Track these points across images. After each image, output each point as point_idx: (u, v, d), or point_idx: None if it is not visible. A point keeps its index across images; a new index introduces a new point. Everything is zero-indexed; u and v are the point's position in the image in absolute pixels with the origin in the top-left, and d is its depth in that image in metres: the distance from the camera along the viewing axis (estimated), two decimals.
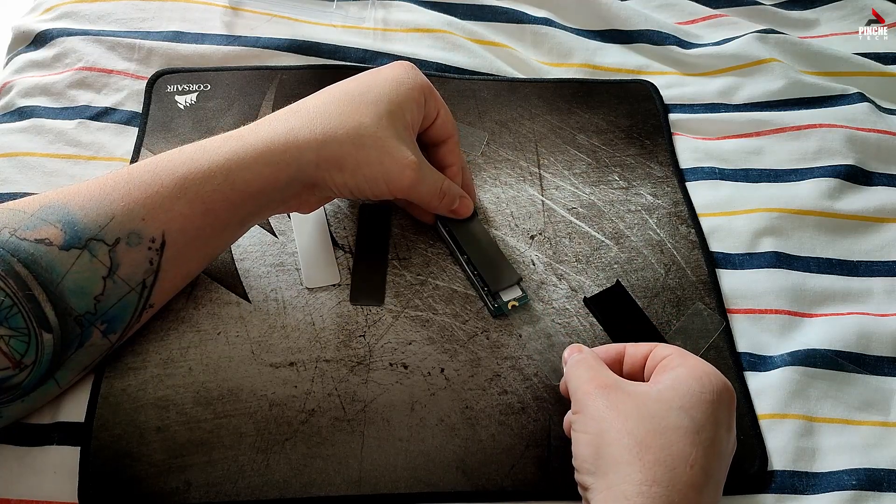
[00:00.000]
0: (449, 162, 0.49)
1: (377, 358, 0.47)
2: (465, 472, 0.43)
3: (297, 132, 0.42)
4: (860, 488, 0.44)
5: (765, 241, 0.54)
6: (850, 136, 0.59)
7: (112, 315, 0.40)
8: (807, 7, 0.72)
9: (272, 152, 0.41)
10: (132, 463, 0.42)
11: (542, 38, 0.66)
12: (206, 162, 0.41)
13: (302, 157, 0.42)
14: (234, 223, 0.43)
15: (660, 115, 0.61)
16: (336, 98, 0.44)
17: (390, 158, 0.43)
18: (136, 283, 0.40)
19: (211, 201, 0.41)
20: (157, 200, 0.40)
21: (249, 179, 0.41)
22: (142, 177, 0.40)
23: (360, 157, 0.43)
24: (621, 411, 0.37)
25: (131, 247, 0.39)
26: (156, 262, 0.40)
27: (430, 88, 0.47)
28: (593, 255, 0.53)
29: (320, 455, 0.43)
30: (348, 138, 0.42)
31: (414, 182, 0.44)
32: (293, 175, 0.42)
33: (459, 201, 0.49)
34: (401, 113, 0.44)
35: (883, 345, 0.50)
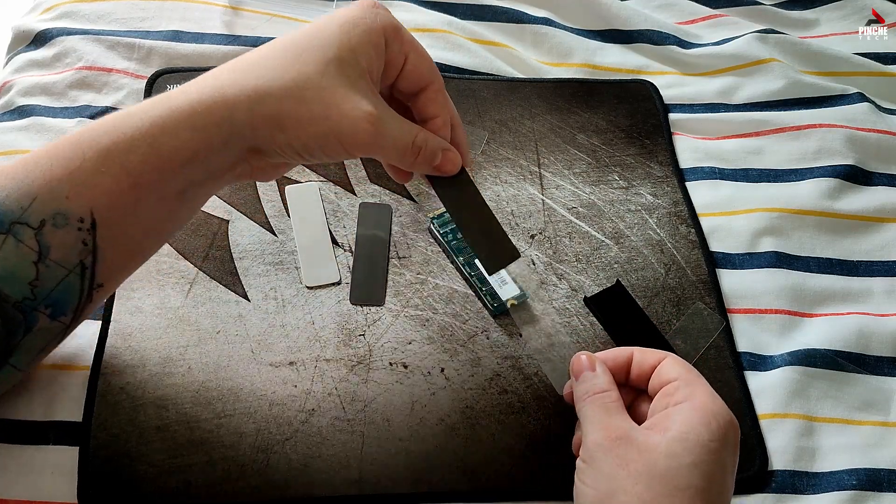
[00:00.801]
0: (430, 113, 0.41)
1: (377, 357, 0.47)
2: (465, 472, 0.43)
3: (225, 90, 0.36)
4: (860, 488, 0.44)
5: (765, 240, 0.54)
6: (850, 136, 0.59)
7: (55, 299, 0.37)
8: (807, 7, 0.72)
9: (198, 115, 0.36)
10: (131, 463, 0.42)
11: (542, 37, 0.66)
12: (129, 130, 0.36)
13: (233, 117, 0.36)
14: (170, 196, 0.38)
15: (660, 114, 0.61)
16: (277, 47, 0.38)
17: (339, 111, 0.36)
18: (73, 265, 0.37)
19: (138, 173, 0.36)
20: (81, 176, 0.36)
21: (177, 147, 0.36)
22: (63, 151, 0.36)
23: (303, 113, 0.36)
24: (632, 472, 0.35)
25: (59, 228, 0.36)
26: (90, 243, 0.37)
27: (395, 28, 0.39)
28: (593, 255, 0.53)
29: (320, 455, 0.43)
30: (286, 92, 0.36)
31: (372, 137, 0.37)
32: (227, 139, 0.37)
33: (442, 155, 0.40)
34: (353, 59, 0.37)
35: (883, 345, 0.50)
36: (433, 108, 0.41)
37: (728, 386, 0.47)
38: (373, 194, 0.54)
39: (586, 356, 0.41)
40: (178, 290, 0.49)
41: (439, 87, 0.41)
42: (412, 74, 0.40)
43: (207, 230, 0.51)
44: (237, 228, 0.52)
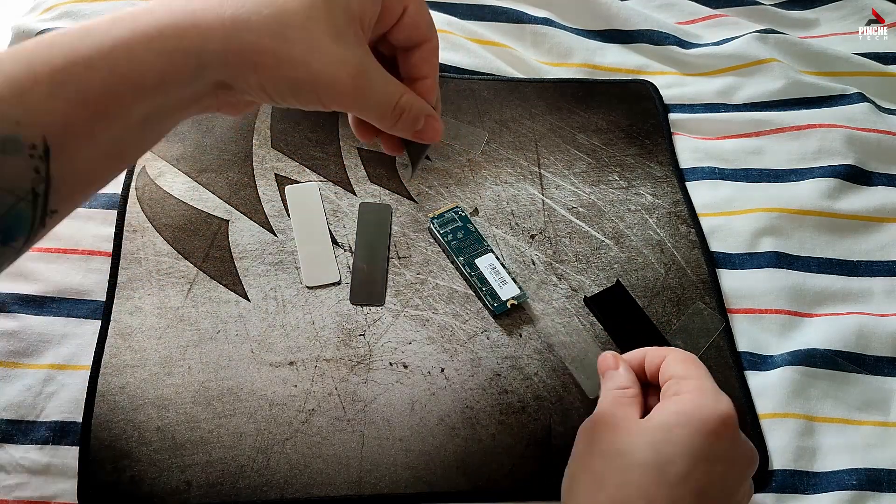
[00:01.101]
0: (422, 72, 0.38)
1: (377, 357, 0.47)
2: (465, 471, 0.43)
3: (198, 15, 0.33)
4: (860, 488, 0.44)
5: (765, 240, 0.54)
6: (850, 136, 0.59)
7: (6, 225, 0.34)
8: (807, 7, 0.72)
9: (167, 39, 0.33)
10: (132, 463, 0.42)
11: (542, 37, 0.66)
12: (87, 50, 0.32)
13: (205, 47, 0.33)
14: (132, 123, 0.34)
15: (660, 114, 0.61)
16: None
17: (321, 58, 0.33)
18: (25, 192, 0.33)
19: (96, 100, 0.33)
20: (32, 100, 0.32)
21: (141, 72, 0.33)
22: (14, 70, 0.32)
23: (281, 53, 0.33)
24: (595, 450, 0.37)
25: (9, 155, 0.32)
26: (43, 171, 0.33)
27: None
28: (593, 255, 0.53)
29: (320, 455, 0.43)
30: (266, 27, 0.33)
31: (353, 91, 0.34)
32: (195, 71, 0.33)
33: (425, 121, 0.37)
34: (344, 1, 0.34)
35: (883, 345, 0.50)
36: (424, 68, 0.38)
37: (728, 386, 0.47)
38: (373, 194, 0.54)
39: (611, 355, 0.42)
40: (178, 290, 0.49)
41: (434, 47, 0.38)
42: (409, 27, 0.37)
43: (207, 230, 0.51)
44: (237, 228, 0.52)
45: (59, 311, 0.48)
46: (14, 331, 0.46)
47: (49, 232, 0.37)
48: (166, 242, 0.51)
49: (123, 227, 0.51)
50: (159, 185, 0.53)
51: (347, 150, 0.57)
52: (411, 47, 0.37)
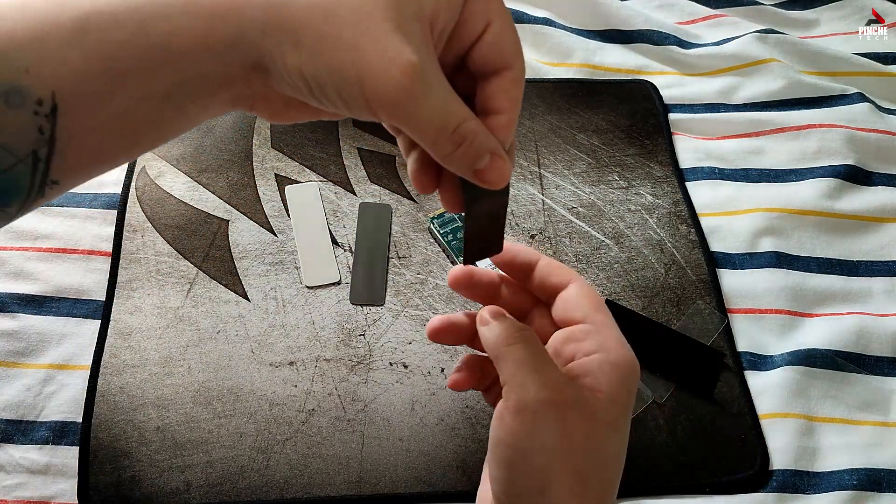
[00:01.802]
0: (497, 106, 0.30)
1: (377, 357, 0.47)
2: (465, 471, 0.43)
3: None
4: (860, 488, 0.44)
5: (765, 240, 0.54)
6: (850, 136, 0.59)
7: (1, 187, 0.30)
8: (807, 7, 0.72)
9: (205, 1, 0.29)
10: (132, 463, 0.42)
11: (542, 38, 0.66)
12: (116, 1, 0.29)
13: (246, 13, 0.29)
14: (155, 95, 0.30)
15: (660, 115, 0.61)
16: None
17: (374, 45, 0.28)
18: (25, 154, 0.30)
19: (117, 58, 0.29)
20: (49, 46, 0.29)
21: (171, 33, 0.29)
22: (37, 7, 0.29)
23: (327, 30, 0.28)
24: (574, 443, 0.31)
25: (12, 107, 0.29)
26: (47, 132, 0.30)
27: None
28: (593, 255, 0.53)
29: (320, 455, 0.43)
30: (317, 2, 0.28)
31: (407, 93, 0.28)
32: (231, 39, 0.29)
33: (490, 160, 0.30)
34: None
35: (883, 345, 0.50)
36: (503, 100, 0.31)
37: (728, 386, 0.47)
38: (373, 194, 0.54)
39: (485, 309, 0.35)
40: (178, 289, 0.49)
41: (517, 77, 0.31)
42: (492, 48, 0.30)
43: (207, 230, 0.51)
44: (237, 228, 0.52)
45: (59, 310, 0.48)
46: (14, 331, 0.46)
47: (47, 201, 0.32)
48: (166, 242, 0.51)
49: (123, 227, 0.51)
50: (159, 185, 0.53)
51: (347, 150, 0.57)
52: (490, 74, 0.31)
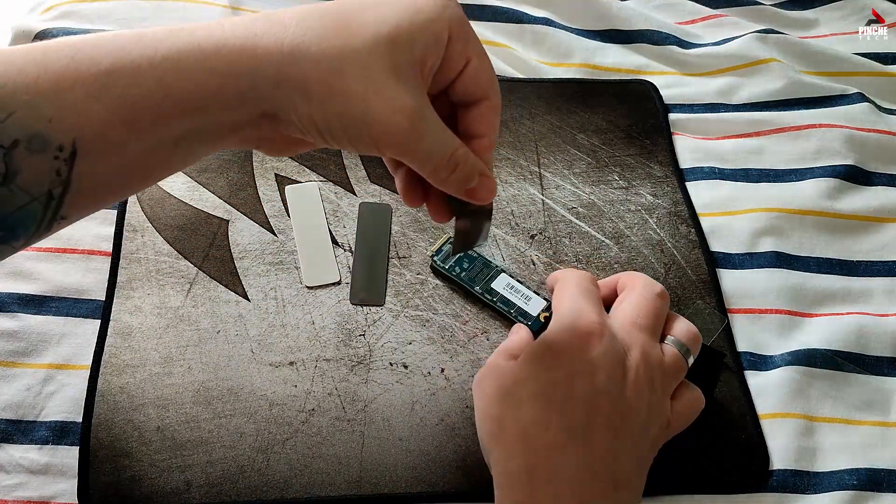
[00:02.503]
0: (478, 131, 0.36)
1: (377, 357, 0.47)
2: (465, 471, 0.43)
3: (259, 38, 0.32)
4: (860, 488, 0.44)
5: (765, 240, 0.54)
6: (850, 136, 0.59)
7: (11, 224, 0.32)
8: (807, 7, 0.72)
9: (221, 58, 0.31)
10: (131, 463, 0.42)
11: (542, 38, 0.66)
12: (137, 56, 0.31)
13: (259, 70, 0.32)
14: (167, 141, 0.33)
15: (660, 114, 0.61)
16: (326, 10, 0.33)
17: (378, 95, 0.31)
18: (40, 194, 0.32)
19: (137, 109, 0.31)
20: (71, 99, 0.31)
21: (188, 89, 0.31)
22: (57, 63, 0.31)
23: (336, 85, 0.31)
24: (487, 397, 0.38)
25: (33, 153, 0.31)
26: (64, 174, 0.32)
27: (463, 27, 0.34)
28: (593, 255, 0.53)
29: (320, 455, 0.43)
30: (324, 58, 0.31)
31: (409, 134, 0.32)
32: (245, 92, 0.32)
33: (479, 180, 0.35)
34: (408, 44, 0.32)
35: (883, 345, 0.50)
36: (483, 126, 0.36)
37: (728, 386, 0.47)
38: (373, 194, 0.54)
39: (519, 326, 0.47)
40: (178, 289, 0.49)
41: (495, 106, 0.36)
42: (471, 81, 0.35)
43: (207, 230, 0.51)
44: (237, 228, 0.52)
45: (59, 310, 0.48)
46: (14, 330, 0.46)
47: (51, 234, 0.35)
48: (166, 242, 0.51)
49: (123, 227, 0.51)
50: (159, 185, 0.53)
51: None
52: (470, 104, 0.36)
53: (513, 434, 0.36)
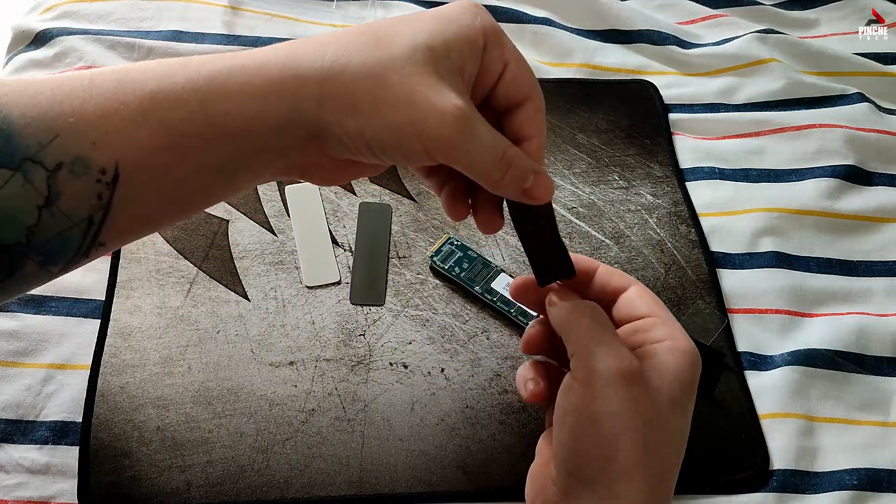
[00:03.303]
0: (526, 133, 0.35)
1: (377, 357, 0.47)
2: (465, 471, 0.43)
3: (299, 58, 0.32)
4: (860, 488, 0.44)
5: (765, 241, 0.54)
6: (850, 136, 0.59)
7: (50, 248, 0.33)
8: (807, 7, 0.72)
9: (263, 80, 0.32)
10: (132, 463, 0.42)
11: (542, 38, 0.66)
12: (181, 80, 0.32)
13: (301, 90, 0.32)
14: (208, 167, 0.33)
15: (660, 115, 0.61)
16: (360, 29, 0.33)
17: (425, 99, 0.31)
18: (81, 219, 0.32)
19: (180, 134, 0.32)
20: (115, 122, 0.31)
21: (231, 112, 0.32)
22: (104, 87, 0.31)
23: (382, 95, 0.31)
24: (641, 414, 0.32)
25: (76, 176, 0.31)
26: (105, 198, 0.32)
27: (497, 33, 0.34)
28: (593, 255, 0.53)
29: (320, 455, 0.43)
30: (366, 70, 0.31)
31: (459, 136, 0.31)
32: (287, 115, 0.32)
33: (534, 178, 0.33)
34: (445, 51, 0.32)
35: (883, 345, 0.50)
36: (530, 127, 0.35)
37: (728, 386, 0.47)
38: (373, 194, 0.54)
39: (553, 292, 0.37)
40: (178, 289, 0.49)
41: (540, 106, 0.35)
42: (512, 84, 0.35)
43: (207, 230, 0.51)
44: (237, 228, 0.52)
45: (59, 310, 0.48)
46: (14, 330, 0.46)
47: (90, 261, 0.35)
48: (166, 242, 0.51)
49: None
50: None
51: None
52: (514, 107, 0.35)
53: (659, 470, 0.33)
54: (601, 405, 0.32)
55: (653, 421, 0.32)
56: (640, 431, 0.32)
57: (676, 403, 0.33)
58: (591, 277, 0.37)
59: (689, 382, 0.33)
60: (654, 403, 0.32)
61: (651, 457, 0.32)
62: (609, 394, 0.32)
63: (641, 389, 0.32)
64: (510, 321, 0.49)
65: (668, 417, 0.33)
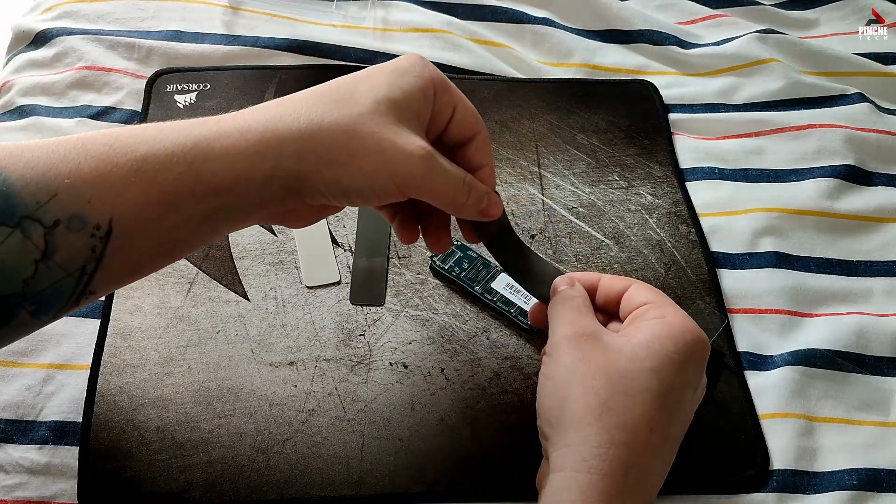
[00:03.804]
0: (479, 163, 0.40)
1: (377, 357, 0.47)
2: (465, 471, 0.43)
3: (277, 121, 0.36)
4: (860, 488, 0.44)
5: (765, 241, 0.54)
6: (850, 136, 0.59)
7: (43, 298, 0.35)
8: (807, 7, 0.72)
9: (247, 142, 0.35)
10: (132, 463, 0.42)
11: (542, 38, 0.66)
12: (170, 144, 0.35)
13: (282, 149, 0.35)
14: (196, 219, 0.36)
15: (660, 115, 0.61)
16: (327, 88, 0.38)
17: (393, 146, 0.36)
18: (74, 270, 0.35)
19: (170, 192, 0.35)
20: (109, 182, 0.34)
21: (218, 171, 0.35)
22: (95, 150, 0.34)
23: (354, 146, 0.36)
24: (592, 367, 0.36)
25: (72, 231, 0.34)
26: (99, 251, 0.35)
27: (444, 81, 0.39)
28: (593, 255, 0.53)
29: (320, 455, 0.43)
30: (338, 127, 0.36)
31: (427, 173, 0.36)
32: (270, 172, 0.35)
33: (488, 198, 0.40)
34: (404, 101, 0.37)
35: (883, 345, 0.50)
36: (480, 157, 0.41)
37: (728, 386, 0.47)
38: None
39: (568, 275, 0.42)
40: (177, 289, 0.49)
41: (485, 138, 0.41)
42: (462, 123, 0.40)
43: None
44: None
45: None
46: None
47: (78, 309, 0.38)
48: None
49: None
50: None
51: None
52: (465, 141, 0.40)
53: (619, 422, 0.35)
54: (555, 361, 0.38)
55: (605, 372, 0.36)
56: (590, 382, 0.36)
57: (638, 360, 0.36)
58: (596, 289, 0.41)
59: (661, 350, 0.37)
60: (611, 360, 0.36)
61: (606, 406, 0.35)
62: (561, 352, 0.38)
63: (592, 346, 0.37)
64: (510, 321, 0.49)
65: (629, 373, 0.36)
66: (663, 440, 0.36)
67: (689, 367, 0.37)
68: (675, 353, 0.37)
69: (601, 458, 0.34)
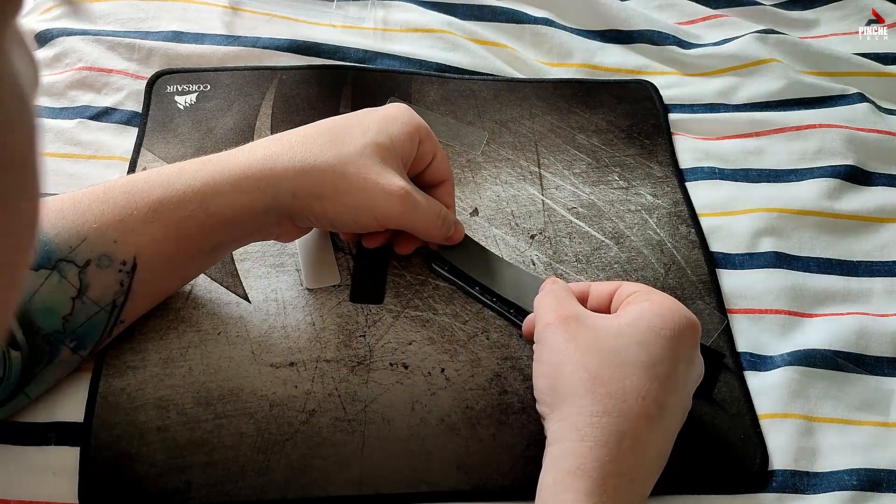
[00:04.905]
0: (445, 203, 0.48)
1: (377, 358, 0.47)
2: (465, 471, 0.43)
3: (275, 159, 0.41)
4: (860, 488, 0.44)
5: (765, 241, 0.54)
6: (850, 136, 0.59)
7: (81, 333, 0.40)
8: (807, 7, 0.72)
9: (249, 179, 0.41)
10: (132, 463, 0.42)
11: (542, 38, 0.66)
12: (181, 186, 0.40)
13: (279, 185, 0.41)
14: (206, 248, 0.43)
15: (660, 115, 0.61)
16: (320, 129, 0.44)
17: (375, 185, 0.42)
18: (106, 304, 0.40)
19: (184, 227, 0.41)
20: (130, 224, 0.39)
21: (224, 206, 0.41)
22: (116, 198, 0.40)
23: (341, 184, 0.42)
24: (579, 344, 0.38)
25: (102, 269, 0.39)
26: (126, 284, 0.40)
27: (427, 130, 0.46)
28: (593, 255, 0.53)
29: (321, 455, 0.43)
30: (328, 166, 0.42)
31: (404, 207, 0.43)
32: (269, 203, 0.41)
33: (455, 227, 0.48)
34: (389, 144, 0.43)
35: (883, 345, 0.50)
36: (448, 198, 0.49)
37: (728, 386, 0.47)
38: None
39: (550, 278, 0.46)
40: (179, 291, 0.49)
41: (453, 184, 0.49)
42: (437, 169, 0.48)
43: None
44: None
45: None
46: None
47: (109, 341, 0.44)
48: None
49: None
50: None
51: None
52: (437, 184, 0.49)
53: (609, 391, 0.37)
54: (544, 345, 0.40)
55: (593, 348, 0.38)
56: (579, 358, 0.38)
57: (625, 336, 0.38)
58: (587, 296, 0.44)
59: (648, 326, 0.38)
60: (599, 337, 0.39)
61: (597, 378, 0.37)
62: (548, 336, 0.40)
63: (578, 326, 0.39)
64: (510, 321, 0.49)
65: (615, 346, 0.38)
66: (658, 409, 0.37)
67: (677, 343, 0.38)
68: (661, 329, 0.38)
69: (594, 426, 0.36)
